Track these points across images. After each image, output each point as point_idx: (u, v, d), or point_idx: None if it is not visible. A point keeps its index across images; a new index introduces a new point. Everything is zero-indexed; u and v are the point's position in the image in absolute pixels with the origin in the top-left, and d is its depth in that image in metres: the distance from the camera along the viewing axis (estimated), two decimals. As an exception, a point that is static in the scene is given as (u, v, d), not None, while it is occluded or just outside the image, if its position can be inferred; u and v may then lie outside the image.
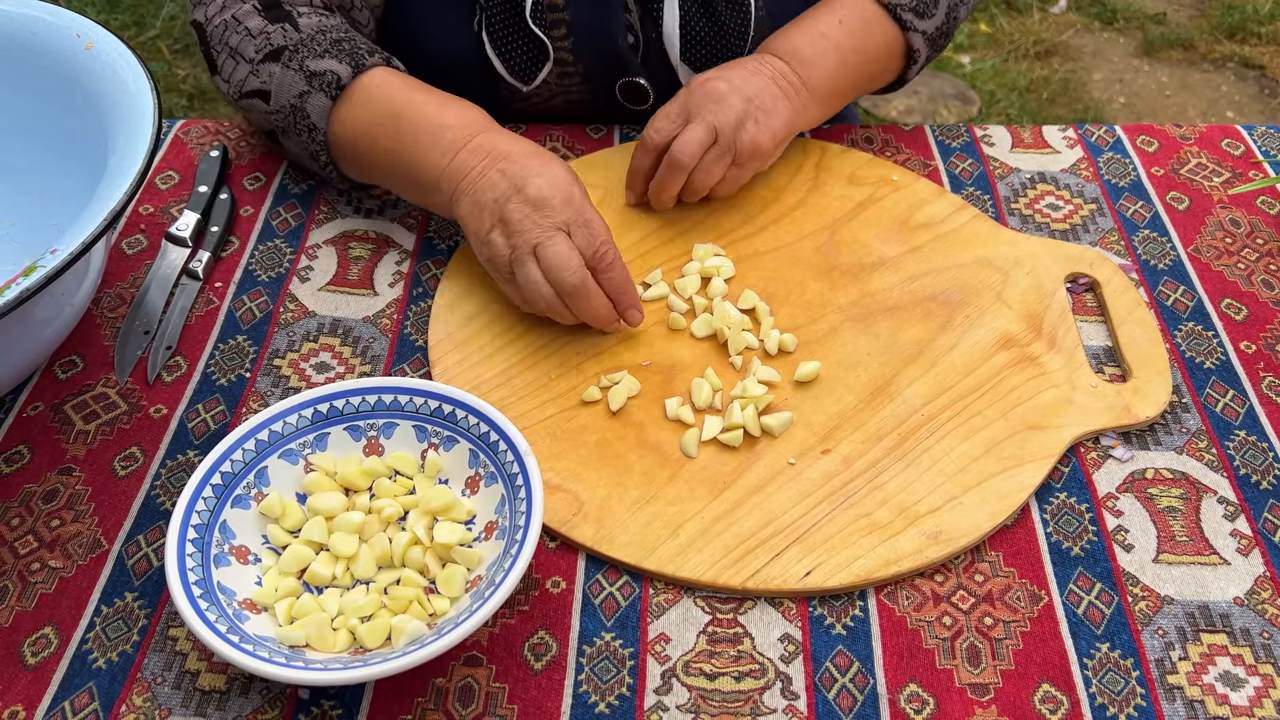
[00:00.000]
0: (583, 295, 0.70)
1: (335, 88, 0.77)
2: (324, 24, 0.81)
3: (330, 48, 0.78)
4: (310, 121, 0.78)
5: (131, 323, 0.76)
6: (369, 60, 0.78)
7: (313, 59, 0.78)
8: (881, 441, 0.68)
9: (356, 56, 0.78)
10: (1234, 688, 0.58)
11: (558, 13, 0.85)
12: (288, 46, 0.79)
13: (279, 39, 0.79)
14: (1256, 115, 2.43)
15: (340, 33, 0.80)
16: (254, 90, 0.80)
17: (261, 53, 0.80)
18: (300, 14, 0.81)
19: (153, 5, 2.64)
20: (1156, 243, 0.83)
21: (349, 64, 0.78)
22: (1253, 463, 0.69)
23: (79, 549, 0.64)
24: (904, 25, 0.85)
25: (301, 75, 0.78)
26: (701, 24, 0.87)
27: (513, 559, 0.57)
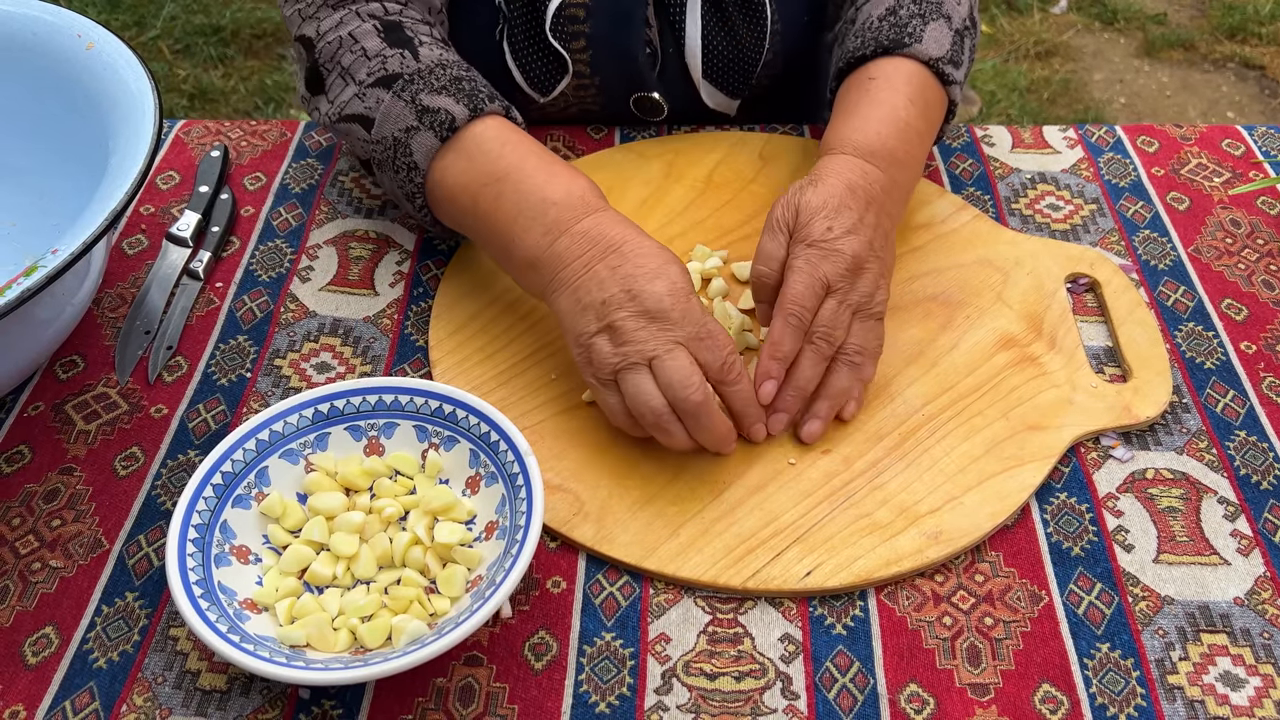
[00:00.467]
0: (705, 415, 0.63)
1: (447, 129, 0.71)
2: (445, 58, 0.75)
3: (449, 84, 0.72)
4: (412, 160, 0.72)
5: (132, 323, 0.76)
6: (487, 106, 0.72)
7: (428, 93, 0.72)
8: (882, 441, 0.68)
9: (475, 99, 0.72)
10: (1234, 688, 0.58)
11: (578, 24, 0.84)
12: (403, 75, 0.73)
13: (395, 65, 0.73)
14: (1257, 115, 2.43)
15: (460, 70, 0.74)
16: (356, 114, 0.74)
17: (374, 76, 0.74)
18: (422, 43, 0.75)
19: (154, 5, 2.65)
20: (1157, 243, 0.83)
21: (466, 106, 0.72)
22: (1253, 463, 0.69)
23: (80, 549, 0.64)
24: (945, 79, 0.79)
25: (412, 109, 0.72)
26: (721, 40, 0.87)
27: (513, 559, 0.57)
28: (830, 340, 0.68)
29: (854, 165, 0.72)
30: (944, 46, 0.79)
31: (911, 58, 0.78)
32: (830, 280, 0.68)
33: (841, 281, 0.68)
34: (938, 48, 0.78)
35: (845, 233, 0.68)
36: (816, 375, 0.68)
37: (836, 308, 0.68)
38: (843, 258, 0.68)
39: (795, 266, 0.68)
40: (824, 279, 0.67)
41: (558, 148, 0.91)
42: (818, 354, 0.68)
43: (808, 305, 0.67)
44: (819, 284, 0.67)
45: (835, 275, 0.68)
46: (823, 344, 0.67)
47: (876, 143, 0.74)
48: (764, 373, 0.67)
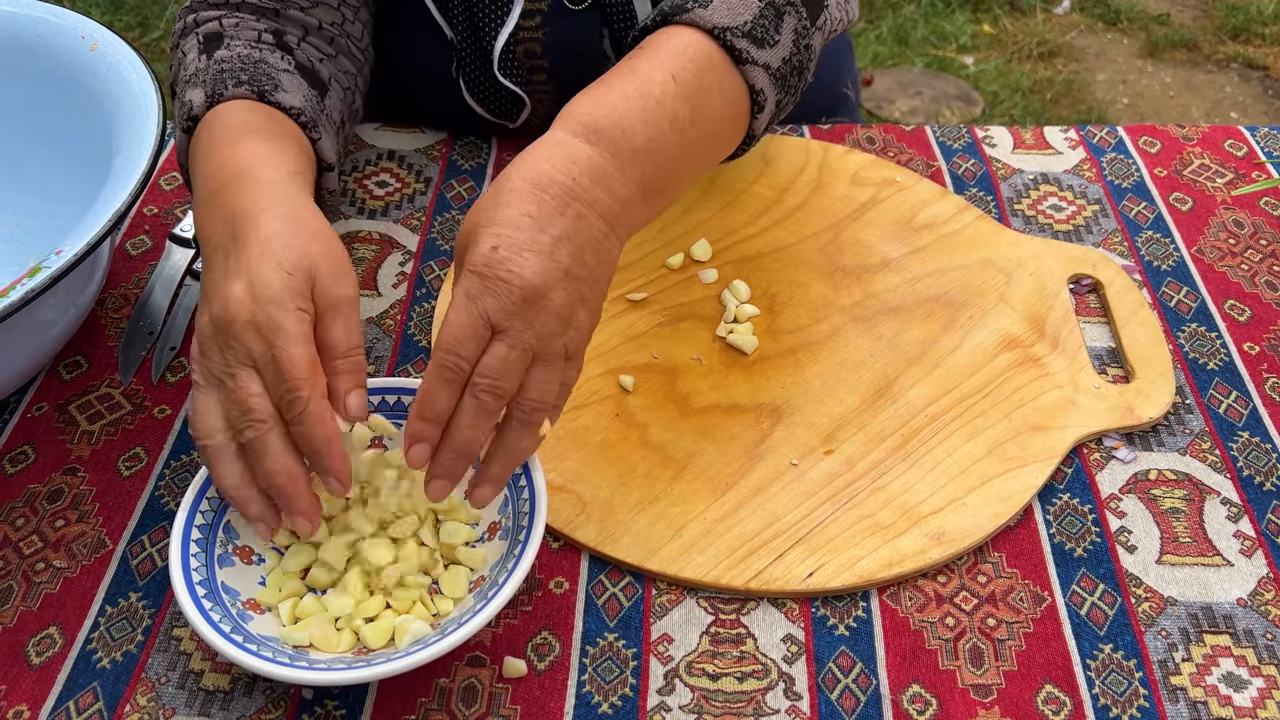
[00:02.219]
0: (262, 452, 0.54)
1: (189, 119, 0.66)
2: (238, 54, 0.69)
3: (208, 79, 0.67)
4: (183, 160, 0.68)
5: (136, 323, 0.76)
6: (230, 90, 0.65)
7: (190, 88, 0.67)
8: (884, 442, 0.68)
9: (218, 84, 0.66)
10: (1237, 689, 0.58)
11: (536, 60, 0.84)
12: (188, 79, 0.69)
13: (191, 70, 0.69)
14: (1260, 116, 2.43)
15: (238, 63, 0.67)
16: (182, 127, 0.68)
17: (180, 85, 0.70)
18: (229, 45, 0.70)
19: (156, 6, 2.65)
20: (1160, 244, 0.83)
21: (206, 92, 0.66)
22: (1256, 464, 0.69)
23: (83, 549, 0.64)
24: (738, 58, 0.63)
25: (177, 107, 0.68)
26: None
27: (516, 559, 0.57)
28: (496, 393, 0.54)
29: (558, 150, 0.57)
30: (739, 17, 0.63)
31: (690, 25, 0.63)
32: (493, 319, 0.53)
33: (511, 320, 0.53)
34: (728, 16, 0.63)
35: (516, 251, 0.53)
36: (480, 434, 0.55)
37: (505, 353, 0.54)
38: (510, 289, 0.53)
39: (455, 300, 0.54)
40: (485, 316, 0.53)
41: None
42: (480, 409, 0.54)
43: (465, 353, 0.54)
44: (480, 323, 0.53)
45: (500, 312, 0.53)
46: (486, 398, 0.54)
47: (607, 119, 0.58)
48: (413, 434, 0.55)
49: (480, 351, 0.54)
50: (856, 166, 0.88)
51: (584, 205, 0.56)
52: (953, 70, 2.59)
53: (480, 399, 0.54)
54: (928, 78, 2.57)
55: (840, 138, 0.92)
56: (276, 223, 0.57)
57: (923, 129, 0.93)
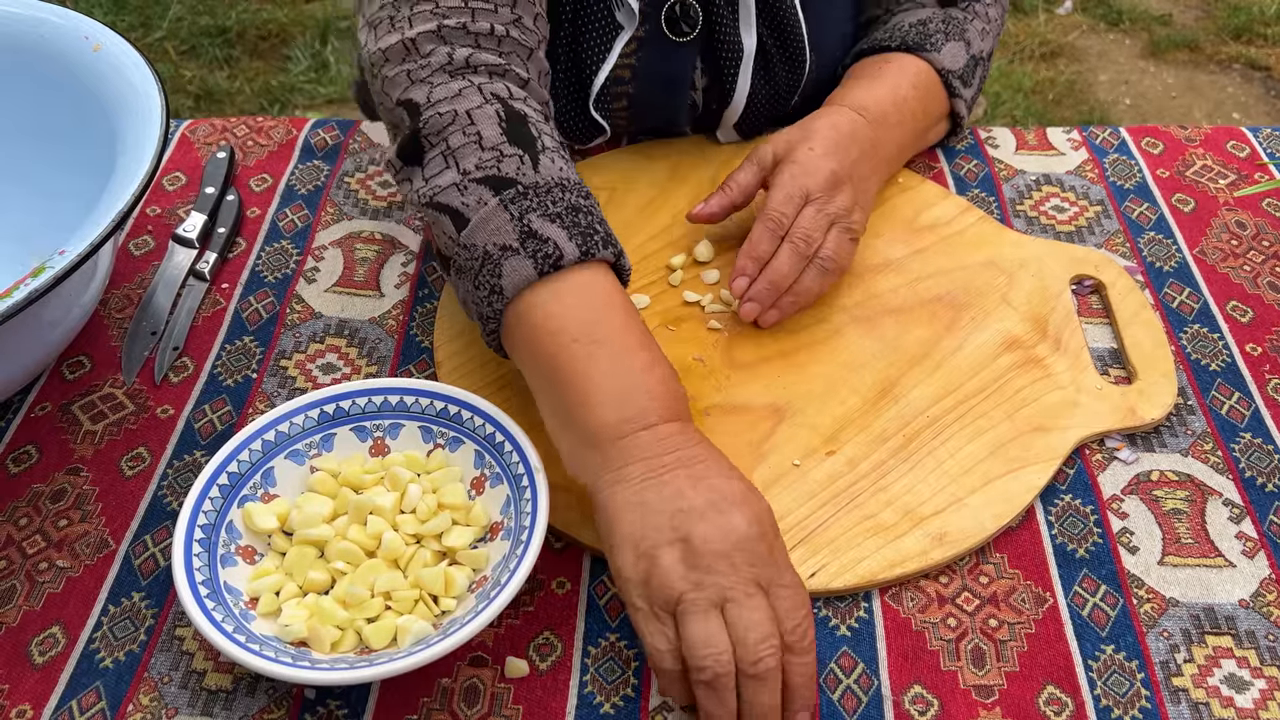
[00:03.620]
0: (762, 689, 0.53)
1: (551, 264, 0.61)
2: (566, 176, 0.65)
3: (564, 213, 0.63)
4: (500, 283, 0.62)
5: (138, 324, 0.76)
6: (600, 252, 0.62)
7: (539, 216, 0.62)
8: (886, 443, 0.68)
9: (590, 240, 0.62)
10: (1239, 690, 0.58)
11: (621, 86, 0.83)
12: (518, 184, 0.63)
13: (510, 168, 0.64)
14: (1262, 117, 2.43)
15: (579, 196, 0.64)
16: (450, 207, 0.64)
17: (483, 171, 0.64)
18: (545, 148, 0.65)
19: (159, 7, 2.65)
20: (1162, 245, 0.83)
21: (579, 245, 0.62)
22: (1258, 465, 0.69)
23: (86, 549, 0.64)
24: (952, 92, 0.85)
25: (517, 227, 0.62)
26: (763, 93, 0.86)
27: (518, 560, 0.57)
28: (809, 241, 0.73)
29: (842, 112, 0.80)
30: (958, 63, 0.85)
31: (927, 61, 0.84)
32: (809, 191, 0.74)
33: (820, 193, 0.74)
34: (952, 61, 0.85)
35: (825, 154, 0.76)
36: (792, 273, 0.73)
37: (815, 214, 0.74)
38: (821, 173, 0.75)
39: (777, 182, 0.75)
40: (804, 190, 0.74)
41: (563, 149, 0.91)
42: (795, 252, 0.73)
43: (787, 213, 0.74)
44: (799, 194, 0.74)
45: (815, 187, 0.74)
46: (800, 243, 0.73)
47: (870, 102, 0.81)
48: (740, 269, 0.74)
49: (796, 214, 0.74)
50: (859, 167, 0.88)
51: (862, 148, 0.78)
52: (955, 71, 2.58)
53: (795, 244, 0.73)
54: (930, 78, 2.57)
55: (842, 138, 0.92)
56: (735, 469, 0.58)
57: (925, 130, 0.93)
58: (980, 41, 0.87)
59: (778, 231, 0.74)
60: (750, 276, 0.74)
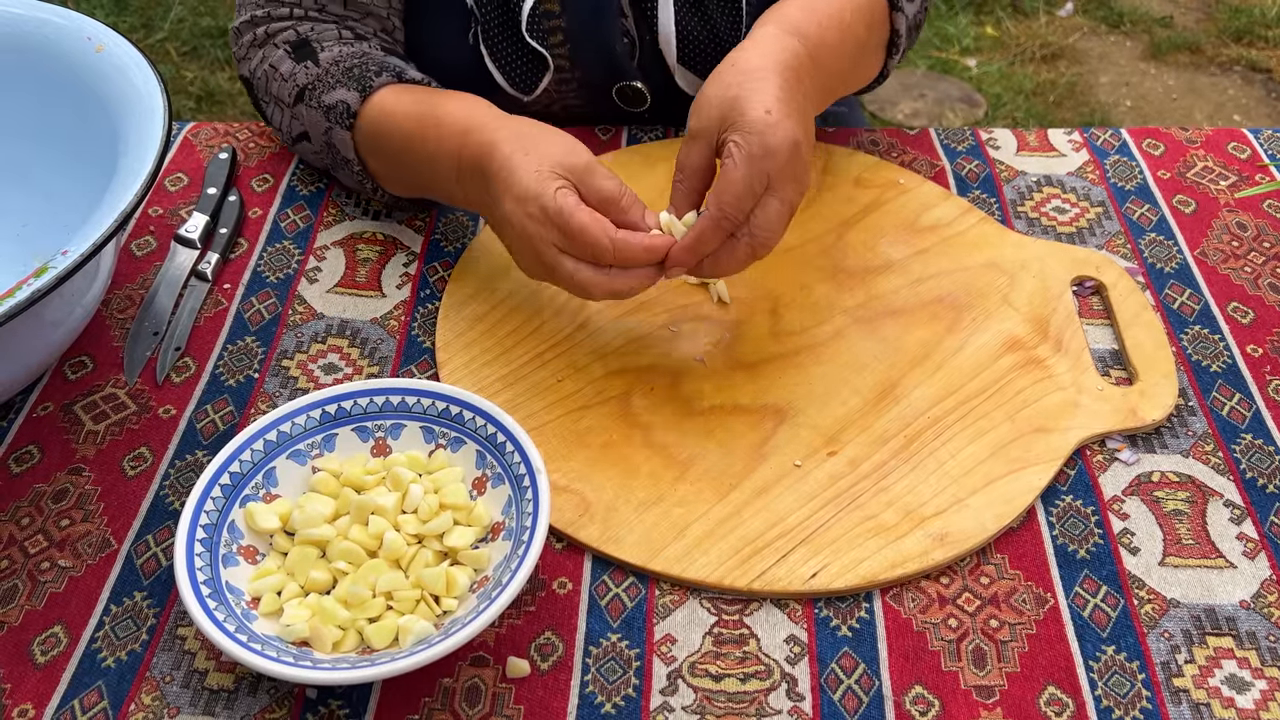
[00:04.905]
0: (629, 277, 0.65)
1: (349, 116, 0.76)
2: (342, 53, 0.79)
3: (342, 77, 0.77)
4: (342, 156, 0.78)
5: (141, 324, 0.76)
6: (375, 82, 0.77)
7: (326, 92, 0.77)
8: (887, 444, 0.68)
9: (365, 80, 0.77)
10: (1240, 691, 0.58)
11: (553, 19, 0.85)
12: (309, 85, 0.79)
13: (302, 78, 0.79)
14: (1263, 119, 2.43)
15: (355, 59, 0.79)
16: (299, 134, 0.81)
17: (292, 96, 0.80)
18: (324, 48, 0.80)
19: (161, 8, 2.65)
20: (1163, 246, 0.83)
21: (356, 89, 0.76)
22: (1259, 466, 0.69)
23: (88, 548, 0.64)
24: (893, 4, 0.80)
25: (320, 111, 0.78)
26: (695, 24, 0.86)
27: (520, 559, 0.57)
28: (769, 245, 0.64)
29: (778, 40, 0.68)
30: None
31: None
32: (771, 176, 0.62)
33: (784, 173, 0.62)
34: None
35: (784, 115, 0.62)
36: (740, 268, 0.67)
37: (780, 208, 0.63)
38: (784, 149, 0.62)
39: (735, 159, 0.61)
40: (764, 175, 0.62)
41: (564, 150, 0.91)
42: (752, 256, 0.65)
43: (747, 206, 0.62)
44: (760, 180, 0.62)
45: (776, 170, 0.62)
46: (762, 250, 0.64)
47: (813, 27, 0.71)
48: (676, 260, 0.65)
49: (754, 206, 0.63)
50: (860, 169, 0.88)
51: (804, 88, 0.68)
52: (956, 73, 2.59)
53: (755, 249, 0.65)
54: (931, 80, 2.57)
55: (844, 140, 0.92)
56: (506, 143, 0.67)
57: (926, 131, 0.93)
58: None
59: (729, 230, 0.64)
60: (687, 268, 0.66)
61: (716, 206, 0.63)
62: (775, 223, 0.64)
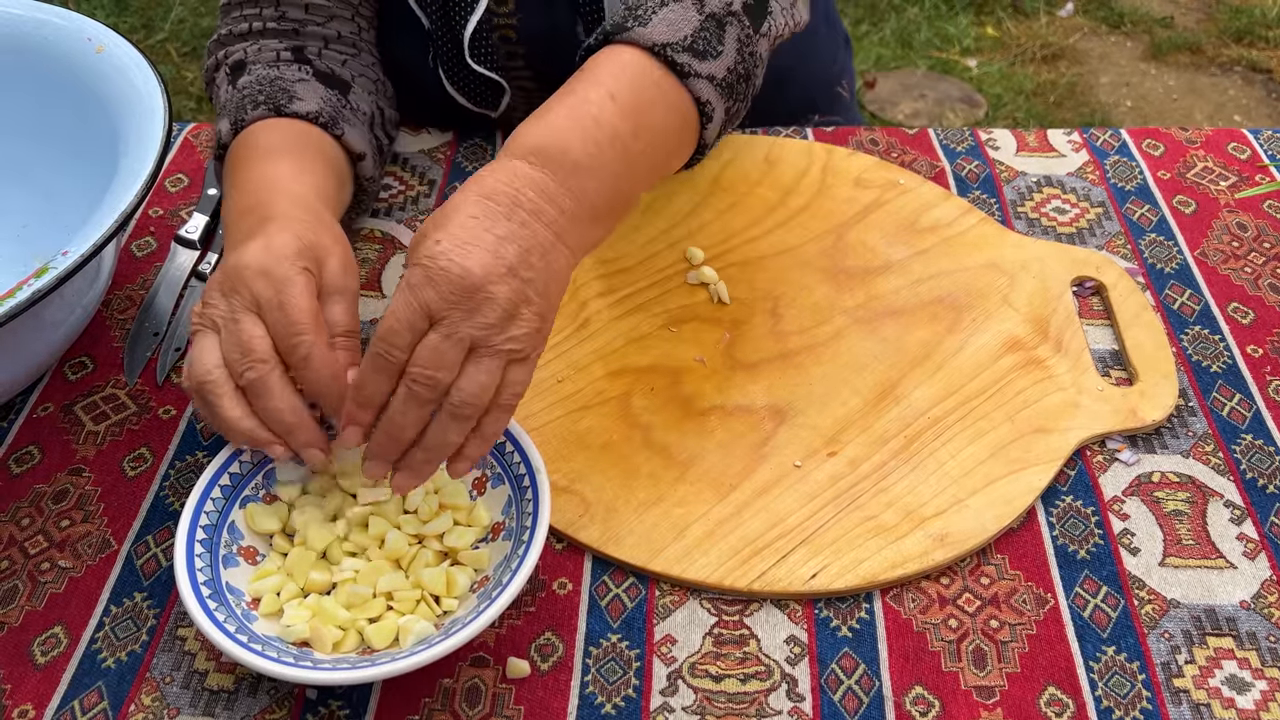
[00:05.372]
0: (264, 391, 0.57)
1: (220, 148, 0.74)
2: (260, 76, 0.76)
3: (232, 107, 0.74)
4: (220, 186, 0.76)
5: (141, 324, 0.76)
6: (249, 115, 0.72)
7: (219, 119, 0.75)
8: (888, 444, 0.68)
9: (239, 111, 0.73)
10: (1240, 691, 0.58)
11: (510, 45, 0.84)
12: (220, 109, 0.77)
13: (223, 99, 0.77)
14: (1264, 119, 2.43)
15: (257, 85, 0.75)
16: None
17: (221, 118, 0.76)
18: (249, 69, 0.77)
19: (161, 9, 2.65)
20: (1163, 246, 0.83)
21: (230, 121, 0.73)
22: (1259, 466, 0.69)
23: (88, 549, 0.64)
24: (681, 72, 0.64)
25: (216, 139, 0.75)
26: None
27: (520, 560, 0.57)
28: (430, 384, 0.55)
29: (503, 168, 0.58)
30: (679, 32, 0.64)
31: (630, 44, 0.63)
32: (432, 309, 0.54)
33: (449, 310, 0.54)
34: (668, 32, 0.63)
35: (459, 245, 0.54)
36: (415, 422, 0.56)
37: (438, 343, 0.54)
38: (449, 278, 0.54)
39: (396, 291, 0.55)
40: (422, 308, 0.54)
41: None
42: (412, 398, 0.55)
43: (399, 342, 0.55)
44: (418, 314, 0.55)
45: (439, 302, 0.54)
46: (418, 387, 0.55)
47: (547, 139, 0.59)
48: (349, 416, 0.58)
49: (416, 342, 0.55)
50: (860, 169, 0.88)
51: (528, 214, 0.57)
52: (956, 73, 2.59)
53: (411, 388, 0.55)
54: (931, 80, 2.57)
55: (844, 140, 0.92)
56: (297, 216, 0.62)
57: (926, 131, 0.93)
58: None
59: (390, 368, 0.56)
60: (362, 425, 0.58)
61: (374, 338, 0.56)
62: (430, 357, 0.55)
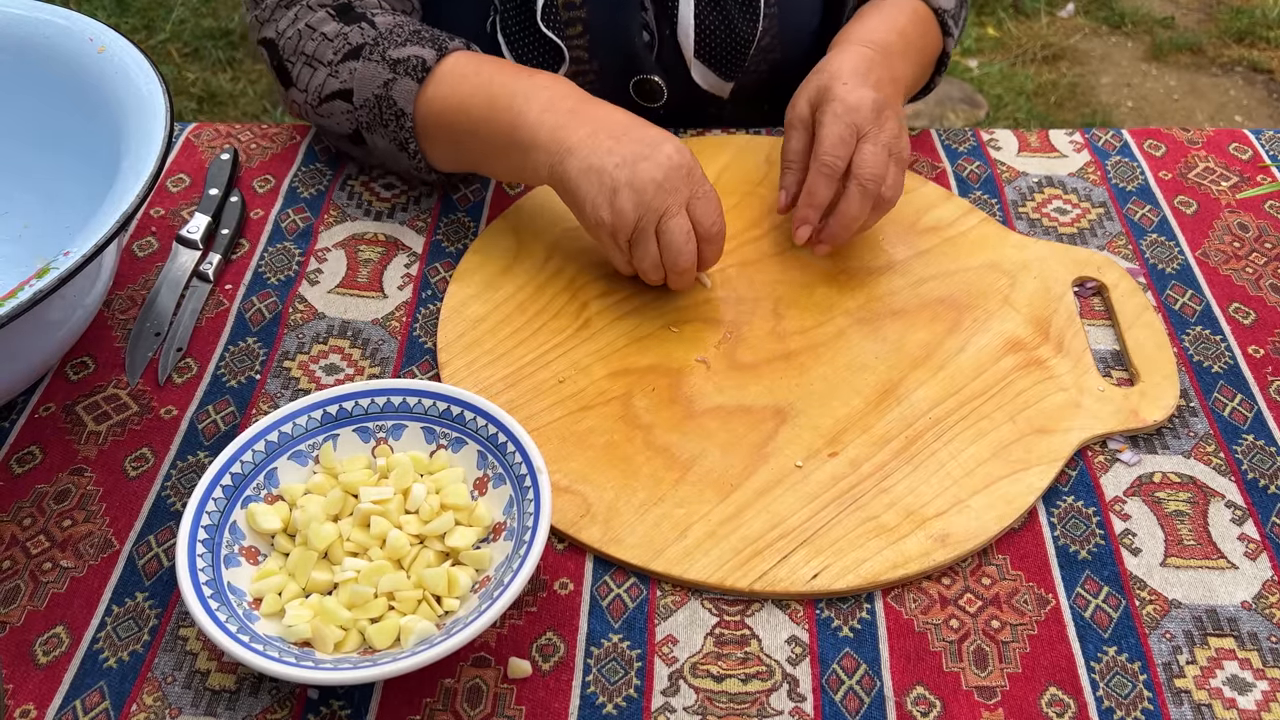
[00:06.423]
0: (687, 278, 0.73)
1: (422, 70, 0.77)
2: (400, 20, 0.81)
3: (411, 37, 0.79)
4: (398, 108, 0.78)
5: (142, 324, 0.77)
6: (451, 45, 0.79)
7: (394, 48, 0.78)
8: (889, 445, 0.68)
9: (439, 41, 0.79)
10: (1241, 692, 0.58)
11: (574, 11, 0.86)
12: (367, 43, 0.79)
13: (357, 38, 0.79)
14: (1265, 119, 2.43)
15: (417, 24, 0.81)
16: (335, 92, 0.80)
17: (340, 53, 0.79)
18: (375, 14, 0.81)
19: (162, 9, 2.66)
20: (1164, 246, 0.83)
21: (433, 48, 0.78)
22: (1260, 467, 0.69)
23: (90, 549, 0.64)
24: (946, 30, 0.87)
25: (385, 65, 0.78)
26: (714, 20, 0.88)
27: (521, 560, 0.57)
28: (877, 180, 0.73)
29: (849, 48, 0.79)
30: (951, 2, 0.88)
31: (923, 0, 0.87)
32: (859, 126, 0.74)
33: (870, 125, 0.74)
34: (945, 2, 0.87)
35: (859, 84, 0.75)
36: (862, 215, 0.75)
37: (875, 150, 0.73)
38: (865, 104, 0.74)
39: (824, 121, 0.74)
40: (853, 127, 0.74)
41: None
42: (864, 194, 0.73)
43: (841, 155, 0.73)
44: (849, 133, 0.74)
45: (863, 120, 0.74)
46: (870, 184, 0.73)
47: (873, 35, 0.81)
48: (801, 218, 0.76)
49: (850, 155, 0.74)
50: (861, 169, 0.88)
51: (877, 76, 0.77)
52: (957, 73, 2.58)
53: (864, 186, 0.73)
54: (932, 81, 2.57)
55: (845, 140, 0.92)
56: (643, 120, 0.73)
57: (927, 132, 0.93)
58: None
59: (834, 176, 0.74)
60: (812, 224, 0.76)
61: (816, 159, 0.74)
62: (873, 162, 0.73)
